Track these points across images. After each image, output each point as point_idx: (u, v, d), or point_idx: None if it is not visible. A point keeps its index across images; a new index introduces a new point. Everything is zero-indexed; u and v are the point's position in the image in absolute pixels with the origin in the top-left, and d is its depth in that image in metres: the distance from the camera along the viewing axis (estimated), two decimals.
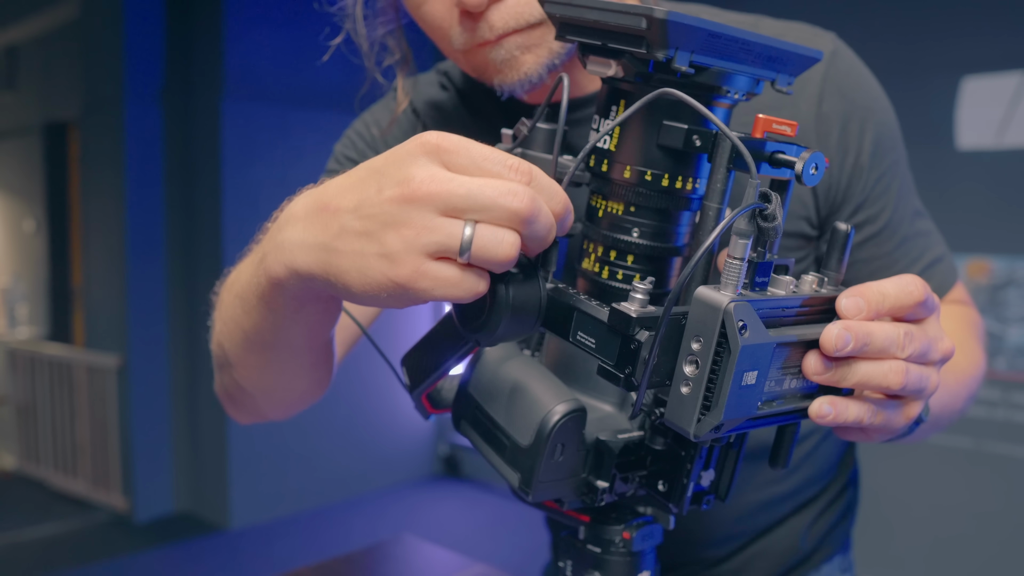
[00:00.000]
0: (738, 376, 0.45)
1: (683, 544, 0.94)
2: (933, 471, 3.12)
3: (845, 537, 1.04)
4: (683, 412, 0.48)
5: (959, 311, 0.86)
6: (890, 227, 0.82)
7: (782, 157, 0.50)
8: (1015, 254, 2.98)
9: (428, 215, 0.45)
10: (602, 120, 0.56)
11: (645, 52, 0.49)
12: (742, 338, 0.45)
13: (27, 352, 5.04)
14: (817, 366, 0.48)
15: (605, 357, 0.50)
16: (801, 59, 0.53)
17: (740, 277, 0.46)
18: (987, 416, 3.03)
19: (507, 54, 0.69)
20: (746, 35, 0.49)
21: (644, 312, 0.49)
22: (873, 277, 0.83)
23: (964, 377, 0.78)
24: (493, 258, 0.46)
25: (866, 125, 0.80)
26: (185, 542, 4.08)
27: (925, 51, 3.06)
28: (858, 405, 0.50)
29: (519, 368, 0.61)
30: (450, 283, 0.46)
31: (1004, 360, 3.01)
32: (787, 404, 0.51)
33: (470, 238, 0.45)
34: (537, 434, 0.56)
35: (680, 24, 0.46)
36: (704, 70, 0.50)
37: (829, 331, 0.48)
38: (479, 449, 0.63)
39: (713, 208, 0.51)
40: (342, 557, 1.57)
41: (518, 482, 0.58)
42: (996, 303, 3.02)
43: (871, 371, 0.49)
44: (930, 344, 0.52)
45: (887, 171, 0.81)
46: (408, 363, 0.67)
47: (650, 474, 0.61)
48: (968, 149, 3.02)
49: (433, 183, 0.45)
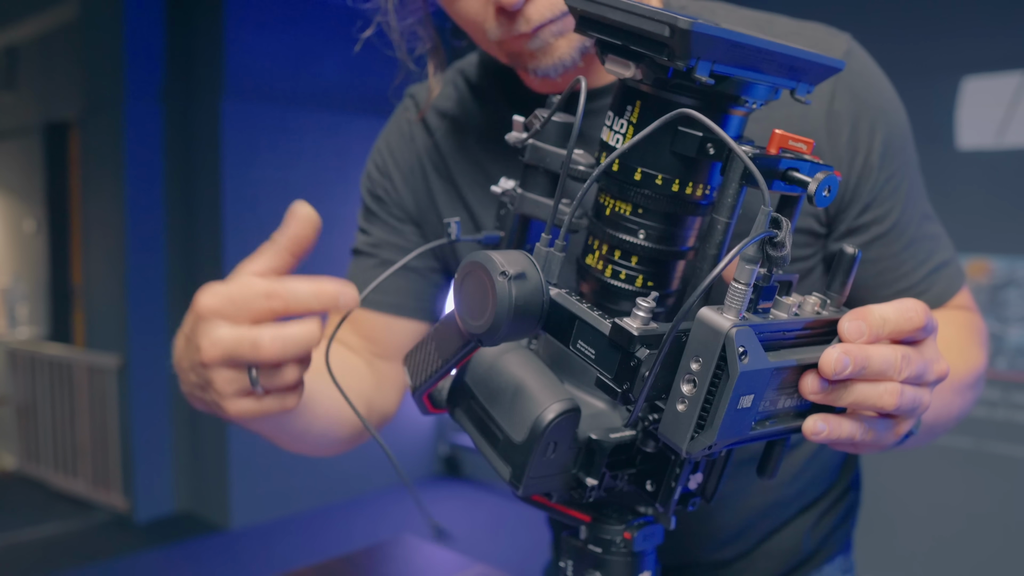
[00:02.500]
0: (734, 400, 0.46)
1: (687, 546, 0.94)
2: (933, 471, 3.12)
3: (847, 538, 1.04)
4: (677, 429, 0.48)
5: (963, 318, 0.86)
6: (898, 228, 0.82)
7: (796, 176, 0.49)
8: (1015, 254, 2.98)
9: (222, 371, 0.55)
10: (616, 117, 0.56)
11: (667, 60, 0.48)
12: (741, 364, 0.45)
13: (27, 352, 5.04)
14: (814, 387, 0.49)
15: (604, 370, 0.50)
16: (822, 68, 0.52)
17: (744, 301, 0.46)
18: (987, 416, 3.03)
19: (542, 43, 0.73)
20: (769, 45, 0.48)
21: (646, 330, 0.49)
22: (880, 278, 0.83)
23: (960, 386, 0.78)
24: (281, 385, 0.57)
25: (876, 125, 0.79)
26: (185, 542, 4.08)
27: (925, 51, 3.06)
28: (851, 423, 0.52)
29: (516, 362, 0.61)
30: (265, 406, 0.57)
31: (1004, 360, 3.01)
32: (780, 423, 0.51)
33: (256, 377, 0.56)
34: (531, 432, 0.57)
35: (704, 35, 0.45)
36: (724, 79, 0.50)
37: (829, 355, 0.48)
38: (472, 438, 0.63)
39: (722, 222, 0.50)
40: (342, 557, 1.57)
41: (509, 475, 0.59)
42: (996, 303, 3.02)
43: (867, 392, 0.50)
44: (926, 366, 0.53)
45: (896, 172, 0.81)
46: (410, 363, 0.67)
47: (639, 472, 0.61)
48: (968, 149, 3.02)
49: (212, 349, 0.54)
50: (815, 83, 0.54)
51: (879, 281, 0.84)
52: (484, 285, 0.51)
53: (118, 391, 4.31)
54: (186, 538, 4.12)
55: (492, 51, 0.79)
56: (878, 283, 0.84)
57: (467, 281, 0.53)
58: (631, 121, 0.54)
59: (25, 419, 5.07)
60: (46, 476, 4.87)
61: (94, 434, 4.52)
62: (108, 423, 4.40)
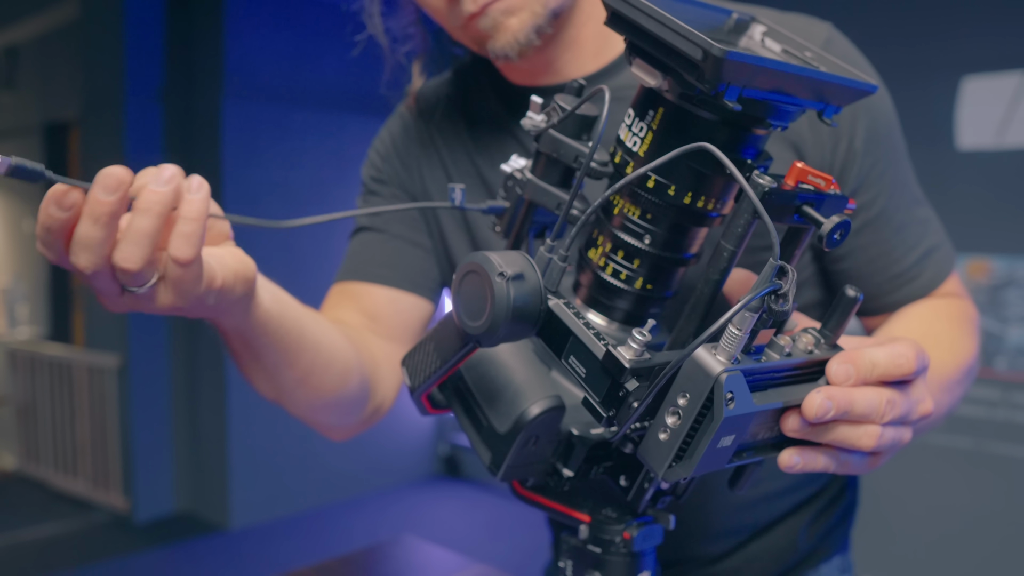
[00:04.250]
0: (716, 440, 0.46)
1: (680, 539, 0.94)
2: (933, 471, 3.12)
3: (844, 538, 1.04)
4: (657, 455, 0.48)
5: (954, 308, 0.86)
6: (886, 214, 0.82)
7: (810, 213, 0.49)
8: (1015, 254, 2.98)
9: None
10: (637, 119, 0.55)
11: (695, 81, 0.47)
12: (727, 409, 0.45)
13: (27, 352, 5.04)
14: (795, 426, 0.50)
15: (593, 392, 0.51)
16: (853, 92, 0.52)
17: (739, 347, 0.46)
18: (987, 416, 3.03)
19: (493, 21, 0.76)
20: (802, 71, 0.48)
21: (639, 362, 0.49)
22: (871, 265, 0.83)
23: (950, 383, 0.78)
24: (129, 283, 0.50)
25: (859, 112, 0.80)
26: (185, 542, 4.08)
27: (925, 51, 3.06)
28: (826, 457, 0.52)
29: (507, 350, 0.62)
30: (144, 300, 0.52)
31: (1004, 360, 3.01)
32: (757, 454, 0.52)
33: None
34: (514, 425, 0.58)
35: (737, 63, 0.44)
36: (752, 103, 0.49)
37: (812, 399, 0.48)
38: (458, 419, 0.64)
39: (728, 250, 0.50)
40: (342, 557, 1.57)
41: (489, 461, 0.60)
42: (996, 303, 3.01)
43: (847, 434, 0.51)
44: (911, 407, 0.53)
45: (882, 158, 0.81)
46: (408, 363, 0.67)
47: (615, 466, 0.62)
48: (968, 149, 3.02)
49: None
50: (844, 104, 0.53)
51: (870, 268, 0.84)
52: (482, 286, 0.51)
53: (118, 391, 4.31)
54: (186, 538, 4.12)
55: (462, 40, 0.82)
56: (869, 270, 0.84)
57: (465, 282, 0.53)
58: (651, 127, 0.54)
59: (25, 419, 5.07)
60: (46, 476, 4.87)
61: (94, 434, 4.52)
62: (108, 423, 4.40)
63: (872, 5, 3.12)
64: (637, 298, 0.59)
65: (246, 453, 4.22)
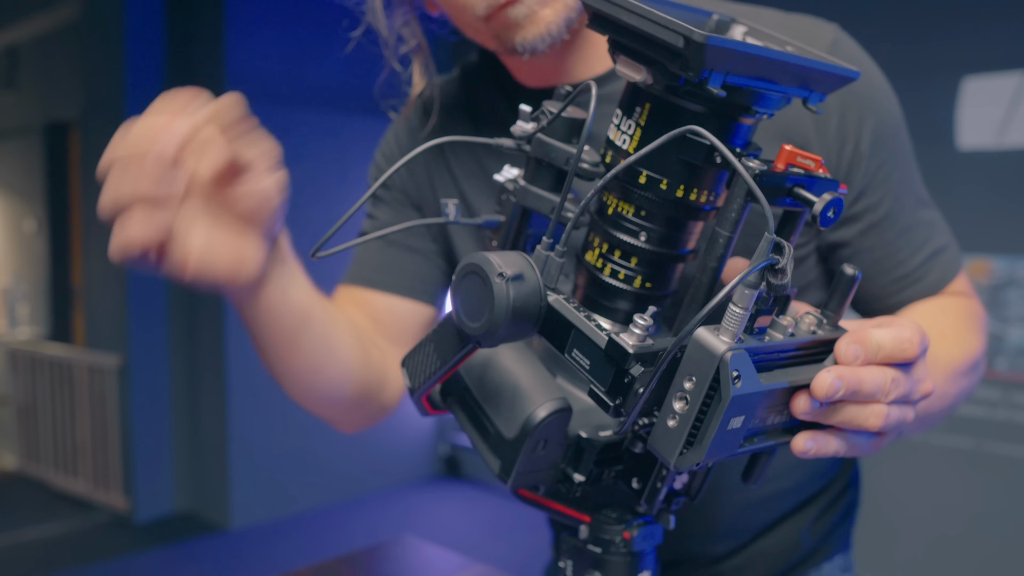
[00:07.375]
0: (725, 421, 0.46)
1: (684, 540, 0.94)
2: (933, 471, 3.12)
3: (846, 537, 1.04)
4: (667, 443, 0.48)
5: (961, 305, 0.86)
6: (892, 216, 0.82)
7: (801, 194, 0.49)
8: (1015, 254, 2.98)
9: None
10: (624, 117, 0.55)
11: (679, 70, 0.47)
12: (734, 388, 0.45)
13: (27, 352, 5.04)
14: (805, 407, 0.50)
15: (598, 382, 0.51)
16: (836, 78, 0.52)
17: (741, 325, 0.46)
18: (987, 416, 3.03)
19: (527, 10, 0.74)
20: (783, 56, 0.48)
21: (642, 347, 0.49)
22: (877, 266, 0.84)
23: (956, 375, 0.78)
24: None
25: (865, 114, 0.80)
26: (185, 542, 4.08)
27: (925, 51, 3.06)
28: (837, 440, 0.53)
29: (511, 355, 0.61)
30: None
31: (1004, 360, 3.01)
32: (768, 439, 0.52)
33: None
34: (521, 430, 0.57)
35: (718, 48, 0.45)
36: (737, 90, 0.49)
37: (822, 379, 0.49)
38: (464, 428, 0.64)
39: (723, 236, 0.50)
40: (342, 557, 1.57)
41: (498, 469, 0.60)
42: (996, 303, 3.01)
43: (855, 413, 0.52)
44: (913, 386, 0.54)
45: (887, 160, 0.81)
46: (408, 364, 0.67)
47: (626, 469, 0.62)
48: (968, 149, 3.02)
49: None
50: (828, 92, 0.53)
51: (876, 269, 0.84)
52: (482, 286, 0.51)
53: (118, 391, 4.31)
54: (186, 538, 4.12)
55: (480, 37, 0.81)
56: (875, 271, 0.84)
57: (465, 282, 0.53)
58: (639, 123, 0.54)
59: (25, 419, 5.07)
60: (46, 476, 4.87)
61: (94, 434, 4.52)
62: (108, 423, 4.40)
63: (872, 5, 3.12)
64: (637, 297, 0.58)
65: (246, 453, 4.22)
